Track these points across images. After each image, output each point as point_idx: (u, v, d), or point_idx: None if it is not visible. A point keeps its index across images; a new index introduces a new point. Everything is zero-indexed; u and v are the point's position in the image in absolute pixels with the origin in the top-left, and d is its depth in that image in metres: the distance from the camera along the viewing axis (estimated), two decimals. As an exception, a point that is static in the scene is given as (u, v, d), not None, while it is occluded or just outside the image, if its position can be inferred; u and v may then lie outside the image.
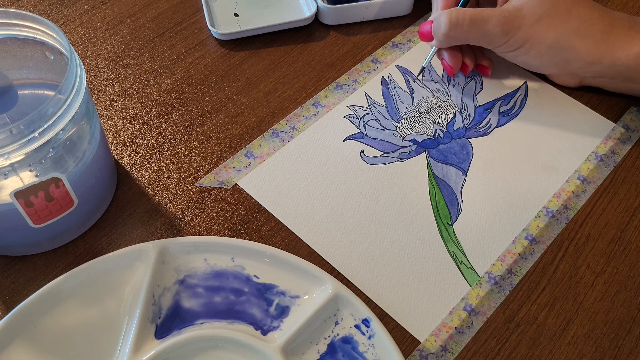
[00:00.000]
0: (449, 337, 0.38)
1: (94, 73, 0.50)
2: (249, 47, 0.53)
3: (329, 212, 0.43)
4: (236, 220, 0.42)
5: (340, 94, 0.50)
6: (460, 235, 0.42)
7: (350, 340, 0.36)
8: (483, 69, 0.51)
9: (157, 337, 0.36)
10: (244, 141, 0.47)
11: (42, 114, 0.32)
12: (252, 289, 0.38)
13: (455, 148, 0.47)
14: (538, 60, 0.46)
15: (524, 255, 0.42)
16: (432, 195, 0.44)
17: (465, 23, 0.45)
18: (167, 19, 0.54)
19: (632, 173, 0.46)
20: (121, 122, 0.47)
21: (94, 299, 0.37)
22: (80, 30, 0.53)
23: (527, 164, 0.46)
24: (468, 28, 0.45)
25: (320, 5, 0.53)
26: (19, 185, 0.34)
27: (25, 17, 0.36)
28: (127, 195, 0.43)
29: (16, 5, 0.54)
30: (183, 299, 0.37)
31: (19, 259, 0.40)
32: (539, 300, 0.40)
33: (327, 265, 0.41)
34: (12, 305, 0.38)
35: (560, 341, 0.39)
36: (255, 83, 0.50)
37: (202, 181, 0.44)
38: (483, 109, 0.50)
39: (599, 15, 0.44)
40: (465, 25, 0.45)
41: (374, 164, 0.46)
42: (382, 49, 0.53)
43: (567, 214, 0.44)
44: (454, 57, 0.49)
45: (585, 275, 0.41)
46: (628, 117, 0.50)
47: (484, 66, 0.50)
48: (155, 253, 0.37)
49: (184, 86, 0.50)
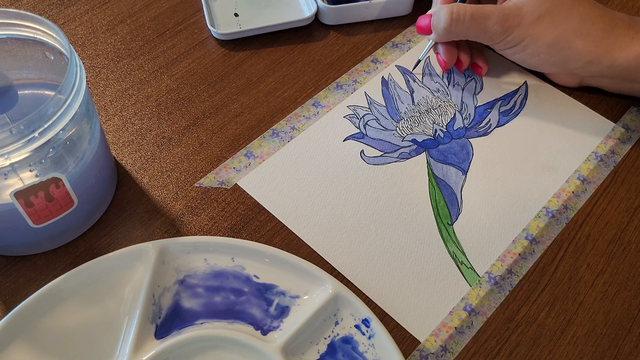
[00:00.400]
0: (449, 337, 0.38)
1: (94, 73, 0.50)
2: (249, 47, 0.53)
3: (329, 212, 0.43)
4: (236, 220, 0.42)
5: (340, 94, 0.50)
6: (460, 235, 0.42)
7: (350, 340, 0.36)
8: (478, 68, 0.50)
9: (157, 337, 0.36)
10: (244, 141, 0.47)
11: (42, 114, 0.32)
12: (252, 289, 0.38)
13: (455, 148, 0.47)
14: (535, 58, 0.46)
15: (524, 255, 0.42)
16: (432, 195, 0.44)
17: (466, 19, 0.45)
18: (167, 19, 0.54)
19: (632, 173, 0.46)
20: (121, 122, 0.47)
21: (94, 299, 0.37)
22: (80, 30, 0.53)
23: (527, 164, 0.46)
24: (468, 24, 0.45)
25: (320, 5, 0.53)
26: (19, 185, 0.34)
27: (25, 17, 0.36)
28: (127, 195, 0.43)
29: (16, 5, 0.54)
30: (183, 299, 0.37)
31: (19, 259, 0.40)
32: (539, 300, 0.40)
33: (327, 265, 0.41)
34: (12, 305, 0.38)
35: (561, 341, 0.39)
36: (255, 83, 0.50)
37: (202, 181, 0.44)
38: (483, 109, 0.50)
39: (600, 15, 0.44)
40: (466, 21, 0.45)
41: (374, 164, 0.46)
42: (382, 49, 0.53)
43: (567, 214, 0.44)
44: (450, 52, 0.49)
45: (585, 275, 0.41)
46: (628, 117, 0.50)
47: (478, 65, 0.50)
48: (155, 253, 0.37)
49: (184, 86, 0.50)
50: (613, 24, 0.44)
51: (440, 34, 0.47)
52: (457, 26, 0.45)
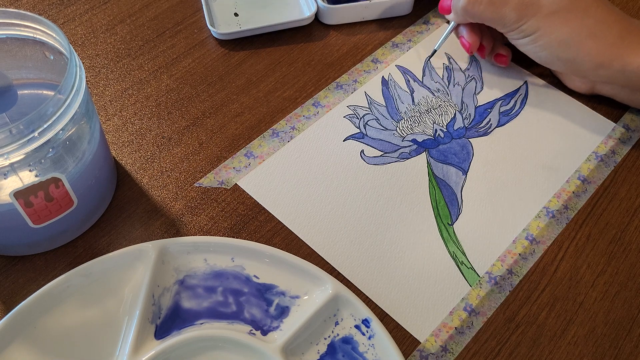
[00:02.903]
0: (449, 337, 0.38)
1: (94, 73, 0.50)
2: (249, 47, 0.53)
3: (329, 212, 0.43)
4: (236, 220, 0.42)
5: (340, 94, 0.50)
6: (461, 235, 0.42)
7: (350, 341, 0.36)
8: (501, 57, 0.51)
9: (157, 338, 0.36)
10: (244, 141, 0.46)
11: (42, 114, 0.32)
12: (252, 289, 0.38)
13: (455, 148, 0.47)
14: (546, 51, 0.47)
15: (524, 256, 0.42)
16: (432, 195, 0.44)
17: (484, 1, 0.46)
18: (167, 19, 0.54)
19: (633, 173, 0.46)
20: (121, 122, 0.47)
21: (94, 299, 0.37)
22: (80, 30, 0.53)
23: (527, 164, 0.46)
24: (485, 7, 0.46)
25: (320, 5, 0.53)
26: (19, 185, 0.34)
27: (25, 17, 0.36)
28: (127, 195, 0.43)
29: (16, 5, 0.54)
30: (183, 299, 0.37)
31: (19, 259, 0.40)
32: (539, 301, 0.40)
33: (327, 265, 0.41)
34: (12, 305, 0.37)
35: (561, 341, 0.38)
36: (255, 83, 0.50)
37: (202, 181, 0.44)
38: (483, 109, 0.50)
39: (616, 20, 0.45)
40: (484, 3, 0.46)
41: (374, 164, 0.46)
42: (382, 49, 0.53)
43: (567, 214, 0.44)
44: (473, 34, 0.50)
45: (586, 275, 0.41)
46: (628, 117, 0.50)
47: (502, 55, 0.51)
48: (155, 253, 0.37)
49: (184, 86, 0.50)
50: (629, 30, 0.44)
51: (459, 14, 0.48)
52: (474, 7, 0.46)
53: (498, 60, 0.52)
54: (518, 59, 0.52)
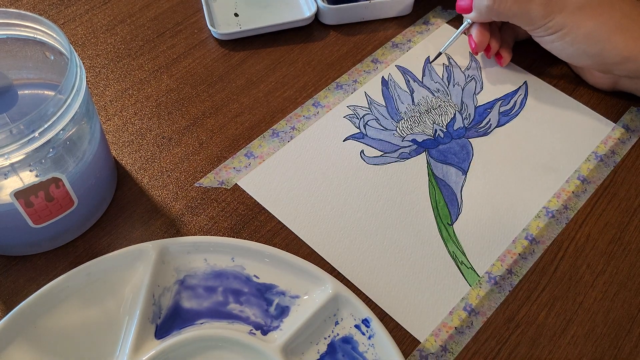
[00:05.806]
0: (449, 337, 0.38)
1: (94, 73, 0.50)
2: (249, 47, 0.53)
3: (329, 212, 0.43)
4: (236, 220, 0.42)
5: (340, 94, 0.50)
6: (460, 235, 0.42)
7: (350, 340, 0.36)
8: (499, 57, 0.51)
9: (157, 337, 0.36)
10: (244, 141, 0.47)
11: (42, 114, 0.32)
12: (252, 289, 0.38)
13: (455, 148, 0.47)
14: (573, 47, 0.46)
15: (524, 255, 0.42)
16: (432, 195, 0.44)
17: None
18: (167, 19, 0.54)
19: (632, 173, 0.46)
20: (121, 122, 0.47)
21: (94, 299, 0.37)
22: (80, 30, 0.53)
23: (527, 164, 0.46)
24: (511, 4, 0.46)
25: (320, 5, 0.53)
26: (19, 185, 0.34)
27: (25, 17, 0.36)
28: (127, 195, 0.43)
29: (16, 5, 0.54)
30: (183, 299, 0.37)
31: (19, 259, 0.40)
32: (539, 300, 0.40)
33: (327, 265, 0.41)
34: (12, 305, 0.37)
35: (560, 341, 0.39)
36: (255, 83, 0.50)
37: (202, 181, 0.44)
38: (483, 109, 0.50)
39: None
40: (510, 1, 0.46)
41: (374, 164, 0.46)
42: (382, 49, 0.53)
43: (567, 214, 0.44)
44: (482, 34, 0.49)
45: (585, 275, 0.41)
46: (628, 117, 0.50)
47: (500, 55, 0.51)
48: (155, 253, 0.37)
49: (184, 86, 0.50)
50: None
51: (482, 12, 0.48)
52: (500, 4, 0.46)
53: (496, 59, 0.52)
54: (518, 59, 0.53)
